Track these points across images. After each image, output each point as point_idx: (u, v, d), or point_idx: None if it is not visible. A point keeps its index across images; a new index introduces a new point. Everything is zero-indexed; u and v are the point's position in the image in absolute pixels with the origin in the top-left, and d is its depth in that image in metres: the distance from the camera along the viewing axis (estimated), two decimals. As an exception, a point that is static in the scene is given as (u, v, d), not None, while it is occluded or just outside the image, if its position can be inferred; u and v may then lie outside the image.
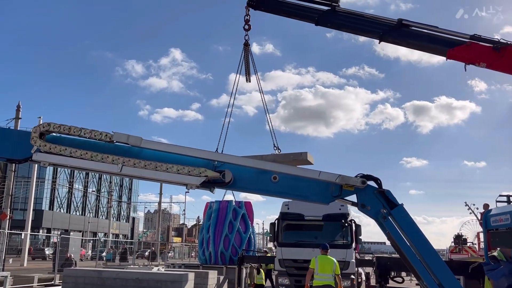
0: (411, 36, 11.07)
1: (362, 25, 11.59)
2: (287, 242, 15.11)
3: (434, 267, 5.32)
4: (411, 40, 11.15)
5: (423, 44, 11.05)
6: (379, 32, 11.28)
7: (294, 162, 13.07)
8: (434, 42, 10.82)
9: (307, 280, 11.08)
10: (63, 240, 26.49)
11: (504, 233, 5.29)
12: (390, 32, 11.16)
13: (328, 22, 11.98)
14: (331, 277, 10.75)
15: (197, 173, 5.53)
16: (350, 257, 14.50)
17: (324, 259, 10.96)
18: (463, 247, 27.95)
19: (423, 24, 10.96)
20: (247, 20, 13.76)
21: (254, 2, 13.01)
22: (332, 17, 11.85)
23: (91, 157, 5.66)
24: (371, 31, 11.51)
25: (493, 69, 10.36)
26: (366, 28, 11.58)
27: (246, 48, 14.03)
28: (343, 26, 12.01)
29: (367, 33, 11.74)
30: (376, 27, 11.34)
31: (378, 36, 11.33)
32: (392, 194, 5.57)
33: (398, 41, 11.35)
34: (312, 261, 11.02)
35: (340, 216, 14.69)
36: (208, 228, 20.56)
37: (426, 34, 10.90)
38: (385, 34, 11.22)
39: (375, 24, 11.39)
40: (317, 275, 10.80)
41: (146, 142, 5.72)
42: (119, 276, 11.74)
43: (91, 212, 79.56)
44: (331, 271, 10.77)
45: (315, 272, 10.80)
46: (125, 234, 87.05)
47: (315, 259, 10.98)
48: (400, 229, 5.48)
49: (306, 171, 5.70)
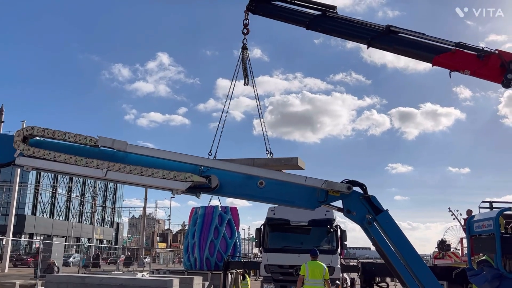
0: (398, 43, 11.24)
1: (351, 30, 11.75)
2: (273, 248, 15.10)
3: (418, 272, 5.36)
4: (398, 47, 11.32)
5: (410, 50, 11.22)
6: (367, 37, 11.43)
7: (285, 166, 13.09)
8: (420, 49, 10.99)
9: (298, 286, 11.15)
10: (46, 246, 26.07)
11: (486, 239, 5.36)
12: (378, 38, 11.32)
13: (318, 26, 12.12)
14: (321, 282, 10.93)
15: (183, 178, 5.50)
16: (336, 262, 14.55)
17: (314, 264, 11.10)
18: (446, 252, 28.21)
19: (410, 31, 11.13)
20: (246, 24, 13.89)
21: (253, 6, 13.17)
22: (322, 21, 12.00)
23: (75, 162, 5.59)
24: (360, 36, 11.67)
25: (476, 77, 10.55)
26: (355, 34, 11.75)
27: (244, 51, 14.12)
28: (332, 30, 12.17)
29: (356, 38, 11.91)
30: (365, 32, 11.50)
31: (367, 42, 11.49)
32: (377, 199, 5.60)
33: (385, 47, 11.52)
34: (303, 268, 11.14)
35: (326, 221, 14.75)
36: (193, 234, 20.43)
37: (413, 40, 11.07)
38: (373, 40, 11.38)
39: (363, 30, 11.56)
40: (307, 281, 10.93)
41: (132, 147, 5.67)
42: (102, 282, 11.59)
43: (75, 217, 78.55)
44: (321, 276, 10.95)
45: (306, 278, 10.94)
46: (109, 239, 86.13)
47: (305, 265, 11.10)
48: (385, 234, 5.51)
49: (292, 176, 5.71)
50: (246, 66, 14.16)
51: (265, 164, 13.32)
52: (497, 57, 10.21)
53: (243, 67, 14.20)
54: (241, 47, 14.16)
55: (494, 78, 10.32)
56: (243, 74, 14.35)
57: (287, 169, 13.50)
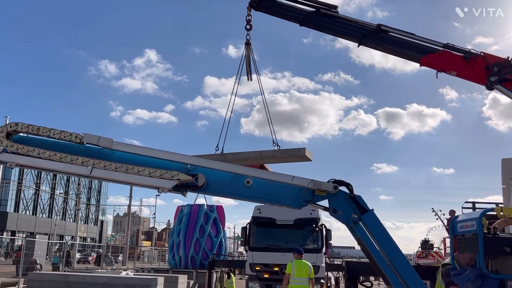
0: (388, 42, 11.44)
1: (343, 28, 11.96)
2: (258, 247, 15.12)
3: (402, 272, 5.41)
4: (388, 46, 11.52)
5: (399, 50, 11.43)
6: (358, 36, 11.64)
7: (292, 158, 13.13)
8: (409, 49, 11.18)
9: (284, 285, 11.19)
10: (29, 243, 25.68)
11: (469, 239, 5.43)
12: (369, 36, 11.52)
13: (311, 23, 12.35)
14: (306, 281, 11.00)
15: (169, 176, 5.47)
16: (321, 261, 14.63)
17: (300, 263, 11.17)
18: (429, 252, 28.53)
19: (400, 30, 11.32)
20: (249, 20, 14.00)
21: (255, 3, 13.41)
22: (315, 18, 12.22)
23: (60, 159, 5.52)
24: (351, 34, 11.87)
25: (462, 78, 10.72)
26: (346, 31, 11.96)
27: (247, 47, 14.25)
28: (325, 27, 12.36)
29: (347, 36, 12.12)
30: (356, 31, 11.71)
31: (358, 40, 11.70)
32: (363, 199, 5.64)
33: (375, 45, 11.73)
34: (289, 266, 11.19)
35: (311, 220, 14.82)
36: (178, 232, 20.37)
37: (402, 40, 11.27)
38: (364, 38, 11.58)
39: (355, 28, 11.77)
40: (293, 280, 10.98)
41: (117, 144, 5.62)
42: (86, 280, 11.50)
43: (58, 214, 77.64)
44: (307, 275, 11.02)
45: (292, 276, 10.99)
46: (93, 237, 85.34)
47: (291, 264, 11.15)
48: (370, 234, 5.55)
49: (279, 175, 5.71)
50: (250, 62, 14.27)
51: (273, 156, 13.28)
52: (482, 59, 10.36)
53: (246, 63, 14.28)
54: (244, 43, 14.28)
55: (479, 80, 10.48)
56: (246, 71, 14.41)
57: (295, 160, 13.53)
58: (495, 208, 5.76)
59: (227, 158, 13.35)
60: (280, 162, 13.88)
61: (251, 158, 13.47)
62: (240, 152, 13.88)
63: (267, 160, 13.62)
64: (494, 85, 10.23)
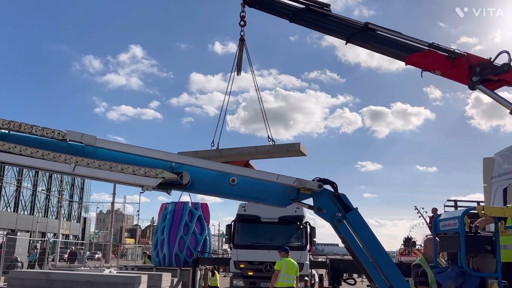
0: (374, 40, 11.62)
1: (332, 25, 12.17)
2: (242, 244, 15.14)
3: (385, 269, 5.46)
4: (374, 44, 11.71)
5: (385, 48, 11.60)
6: (346, 33, 11.82)
7: (287, 153, 13.19)
8: (395, 47, 11.35)
9: (272, 282, 11.40)
10: (9, 241, 25.30)
11: (452, 237, 5.50)
12: (356, 34, 11.71)
13: (301, 19, 12.53)
14: (293, 278, 11.33)
15: (153, 174, 5.42)
16: (305, 259, 14.70)
17: (289, 261, 11.46)
18: (412, 249, 28.83)
19: (387, 29, 11.46)
20: (243, 17, 14.08)
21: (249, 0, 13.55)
22: (305, 15, 12.41)
23: (42, 156, 5.44)
24: (339, 32, 12.07)
25: (446, 77, 10.89)
26: (335, 29, 12.14)
27: (241, 43, 14.30)
28: (314, 24, 12.54)
29: (335, 33, 12.28)
30: (344, 28, 11.89)
31: (345, 37, 11.86)
32: (347, 198, 5.67)
33: (362, 43, 11.92)
34: (279, 263, 11.41)
35: (296, 218, 14.88)
36: (163, 230, 20.26)
37: (388, 39, 11.43)
38: (352, 36, 11.75)
39: (343, 26, 11.94)
40: (282, 277, 11.22)
41: (101, 142, 5.56)
42: (68, 278, 11.36)
43: (40, 211, 76.56)
44: (295, 273, 11.36)
45: (281, 273, 11.23)
46: (76, 234, 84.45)
47: (281, 262, 11.39)
48: (354, 232, 5.59)
49: (264, 174, 5.71)
50: (241, 58, 14.34)
51: (268, 151, 13.34)
52: (465, 59, 10.53)
53: (238, 58, 14.34)
54: (239, 39, 14.31)
55: (462, 79, 10.65)
56: (237, 66, 14.47)
57: (290, 155, 13.60)
58: (476, 207, 5.85)
59: (223, 153, 13.40)
60: (275, 157, 13.98)
61: (247, 153, 13.55)
62: (236, 148, 13.90)
63: (263, 155, 13.70)
64: (476, 85, 10.40)
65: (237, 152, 13.54)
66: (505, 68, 10.10)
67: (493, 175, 10.57)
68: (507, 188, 9.55)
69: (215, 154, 13.33)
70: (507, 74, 10.12)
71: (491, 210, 5.47)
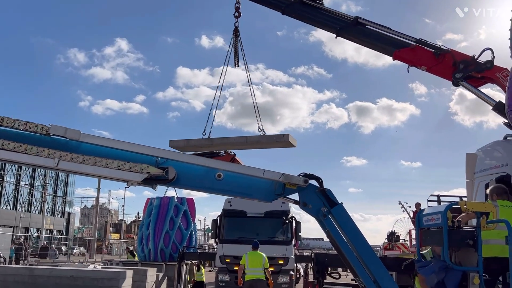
0: (363, 34, 11.83)
1: (323, 19, 12.38)
2: (228, 239, 15.16)
3: (369, 264, 5.53)
4: (363, 38, 11.92)
5: (374, 42, 11.81)
6: (336, 27, 11.96)
7: (277, 143, 13.45)
8: (383, 42, 11.53)
9: (239, 275, 12.01)
10: (-9, 236, 24.97)
11: (435, 232, 5.58)
12: (346, 28, 11.92)
13: (293, 12, 12.67)
14: (261, 271, 11.74)
15: (138, 169, 5.39)
16: (290, 253, 14.79)
17: (254, 254, 11.91)
18: (396, 243, 29.13)
19: (377, 24, 11.60)
20: (238, 8, 14.20)
21: None
22: (297, 8, 12.53)
23: (25, 150, 5.36)
24: (330, 25, 12.26)
25: (432, 73, 11.04)
26: (326, 22, 12.35)
27: (236, 34, 14.41)
28: (305, 17, 12.68)
29: (326, 27, 12.46)
30: (335, 22, 12.10)
31: (336, 31, 12.06)
32: (333, 193, 5.71)
33: (352, 37, 12.14)
34: (243, 258, 11.97)
35: (282, 213, 14.95)
36: (148, 225, 20.18)
37: (378, 33, 11.61)
38: (342, 30, 11.97)
39: (334, 19, 12.15)
40: (248, 270, 11.74)
41: (85, 136, 5.50)
42: (52, 274, 11.27)
43: (24, 206, 75.58)
44: (261, 265, 11.73)
45: (246, 267, 11.73)
46: (60, 230, 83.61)
47: (245, 256, 11.91)
48: (339, 227, 5.64)
49: (250, 169, 5.72)
50: (237, 49, 14.45)
51: (258, 141, 13.53)
52: (450, 56, 10.65)
53: (234, 50, 14.44)
54: (233, 30, 14.40)
55: (446, 76, 10.78)
56: (234, 57, 14.59)
57: (279, 146, 13.79)
58: (459, 202, 5.94)
59: (214, 142, 13.64)
60: (264, 147, 14.25)
61: (237, 143, 13.80)
62: (227, 137, 14.16)
63: (253, 145, 13.90)
64: (459, 81, 10.53)
65: (227, 142, 13.78)
66: (488, 66, 10.24)
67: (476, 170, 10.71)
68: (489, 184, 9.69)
69: (207, 143, 13.57)
70: (490, 71, 10.26)
71: (473, 205, 5.56)
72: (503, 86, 9.74)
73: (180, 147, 13.82)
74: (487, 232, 5.35)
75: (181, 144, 13.87)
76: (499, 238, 5.46)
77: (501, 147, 10.08)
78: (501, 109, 9.46)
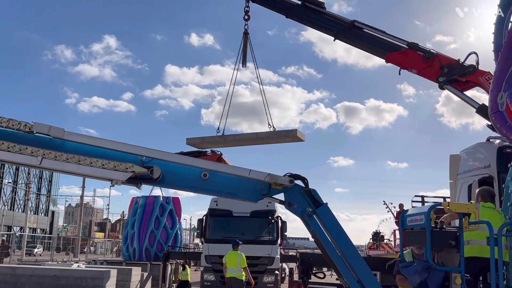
0: (359, 38, 12.24)
1: (322, 22, 12.62)
2: (214, 238, 15.15)
3: (353, 264, 5.56)
4: (359, 41, 12.35)
5: (368, 45, 12.20)
6: (334, 30, 12.23)
7: (286, 138, 13.93)
8: (377, 45, 11.87)
9: (224, 273, 12.63)
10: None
11: (418, 233, 5.63)
12: (343, 31, 12.28)
13: (295, 15, 13.13)
14: (236, 270, 12.27)
15: (123, 168, 5.35)
16: (275, 253, 14.84)
17: (232, 254, 12.42)
18: (380, 243, 29.39)
19: (373, 27, 11.87)
20: (247, 11, 14.44)
21: None
22: (300, 11, 12.95)
23: (8, 148, 5.29)
24: (329, 28, 12.53)
25: (421, 76, 11.26)
26: (324, 25, 12.62)
27: (245, 36, 14.75)
28: (307, 20, 13.06)
29: (325, 30, 12.88)
30: (333, 25, 12.47)
31: (333, 34, 12.52)
32: (318, 193, 5.74)
33: (348, 40, 12.58)
34: (224, 257, 12.57)
35: (268, 212, 14.99)
36: (133, 224, 20.06)
37: (373, 37, 11.91)
38: (339, 33, 12.33)
39: (332, 23, 12.51)
40: (227, 269, 12.38)
41: (69, 134, 5.45)
42: (35, 273, 11.13)
43: (7, 204, 74.54)
44: (236, 264, 12.23)
45: (225, 266, 12.45)
46: (44, 228, 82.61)
47: (225, 255, 12.50)
48: (323, 227, 5.66)
49: (236, 169, 5.72)
50: (246, 50, 14.81)
51: (268, 136, 13.97)
52: (438, 59, 10.84)
53: (243, 51, 14.75)
54: (243, 32, 14.73)
55: (434, 79, 10.96)
56: (242, 58, 14.93)
57: (288, 141, 14.19)
58: (442, 203, 6.00)
59: (227, 139, 14.23)
60: (274, 142, 14.72)
61: (249, 139, 14.37)
62: (239, 134, 15.18)
63: (263, 141, 14.40)
64: (444, 85, 10.70)
65: (239, 138, 14.41)
66: (470, 70, 10.45)
67: (459, 171, 10.85)
68: (472, 185, 9.82)
69: (220, 139, 14.13)
70: (473, 75, 10.45)
71: (456, 206, 5.62)
72: (486, 89, 9.88)
73: (196, 144, 14.47)
74: (469, 233, 5.41)
75: (197, 141, 14.42)
76: (478, 238, 5.55)
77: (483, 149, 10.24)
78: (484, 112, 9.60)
